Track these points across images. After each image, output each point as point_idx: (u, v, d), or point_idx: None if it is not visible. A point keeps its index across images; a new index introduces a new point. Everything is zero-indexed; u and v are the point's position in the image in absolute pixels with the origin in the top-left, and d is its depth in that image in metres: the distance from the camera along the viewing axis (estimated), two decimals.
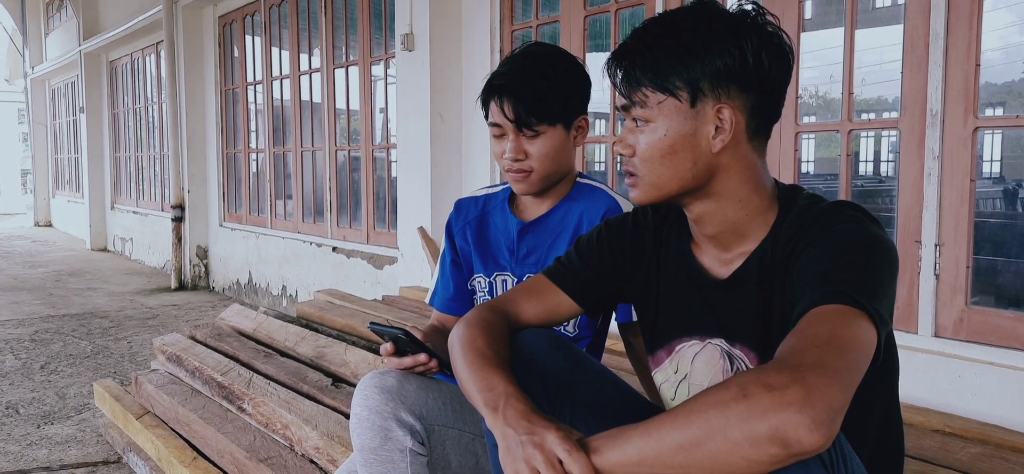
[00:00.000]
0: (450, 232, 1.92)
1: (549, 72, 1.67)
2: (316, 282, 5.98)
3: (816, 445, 0.89)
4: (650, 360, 1.41)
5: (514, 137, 1.67)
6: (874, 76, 5.68)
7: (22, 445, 3.33)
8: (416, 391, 1.48)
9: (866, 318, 1.02)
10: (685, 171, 1.19)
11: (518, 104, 1.64)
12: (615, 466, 0.99)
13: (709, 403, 0.94)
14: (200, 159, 7.87)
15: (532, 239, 1.79)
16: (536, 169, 1.69)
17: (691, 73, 1.15)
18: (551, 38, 4.13)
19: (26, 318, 6.15)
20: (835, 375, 0.93)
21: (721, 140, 1.17)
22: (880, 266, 1.10)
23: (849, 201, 1.19)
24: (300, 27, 6.34)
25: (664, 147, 1.18)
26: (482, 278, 1.86)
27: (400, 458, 1.44)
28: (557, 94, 1.65)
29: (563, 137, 1.69)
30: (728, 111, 1.16)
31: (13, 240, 12.60)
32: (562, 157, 1.71)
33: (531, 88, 1.64)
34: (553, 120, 1.66)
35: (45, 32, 14.05)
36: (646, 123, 1.19)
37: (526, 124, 1.65)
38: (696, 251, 1.31)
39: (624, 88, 1.20)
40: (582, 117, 1.72)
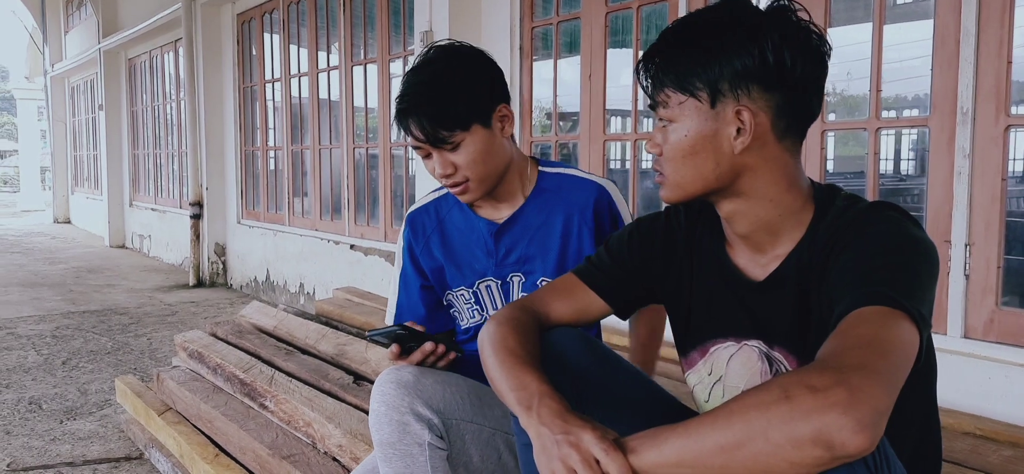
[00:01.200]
0: (412, 253, 1.83)
1: (448, 79, 1.60)
2: (333, 280, 5.98)
3: (861, 448, 0.88)
4: (683, 362, 1.40)
5: (436, 154, 1.62)
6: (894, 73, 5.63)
7: (45, 440, 3.35)
8: (433, 385, 1.47)
9: (908, 319, 1.00)
10: (708, 171, 1.18)
11: (425, 122, 1.58)
12: (653, 467, 0.98)
13: (750, 404, 0.93)
14: (218, 156, 7.90)
15: (510, 239, 1.74)
16: (471, 177, 1.63)
17: (710, 74, 1.14)
18: (572, 35, 4.11)
19: (47, 314, 6.19)
20: (879, 377, 0.91)
21: (742, 141, 1.15)
22: (921, 267, 1.08)
23: (888, 201, 1.17)
24: (318, 24, 6.35)
25: (686, 147, 1.18)
26: (464, 291, 1.79)
27: (419, 452, 1.43)
28: (462, 99, 1.59)
29: (486, 136, 1.62)
30: (748, 112, 1.14)
31: (33, 236, 12.70)
32: (494, 155, 1.65)
33: (433, 103, 1.58)
34: (466, 125, 1.59)
35: (65, 30, 14.14)
36: (670, 123, 1.19)
37: (440, 140, 1.59)
38: (730, 252, 1.30)
39: (650, 88, 1.21)
40: (501, 106, 1.66)
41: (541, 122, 4.44)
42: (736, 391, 1.29)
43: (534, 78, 4.28)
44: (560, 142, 4.28)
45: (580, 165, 3.99)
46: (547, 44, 4.25)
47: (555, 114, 4.27)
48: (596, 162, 3.91)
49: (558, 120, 4.30)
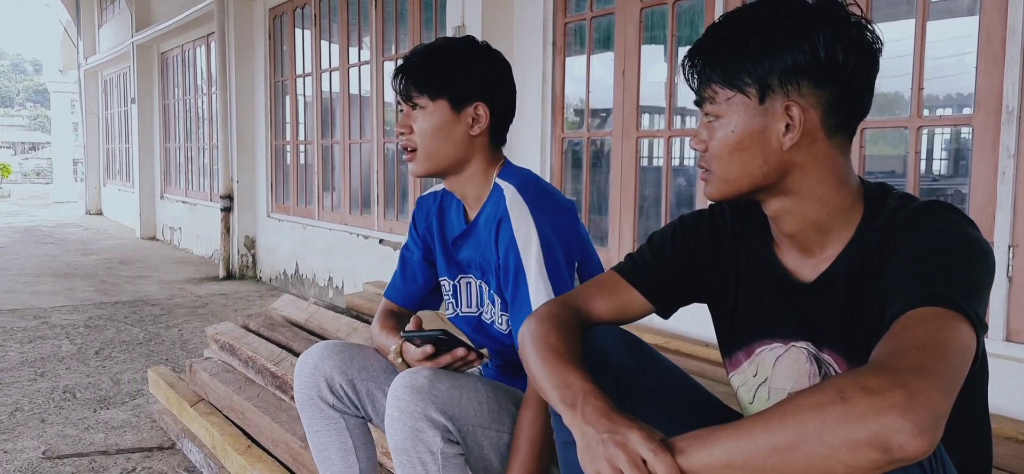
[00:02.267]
0: (416, 229, 1.90)
1: (440, 50, 1.66)
2: (362, 274, 6.00)
3: (919, 451, 0.86)
4: (727, 362, 1.38)
5: (405, 111, 1.68)
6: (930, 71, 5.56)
7: (79, 428, 3.38)
8: (449, 390, 1.47)
9: (965, 321, 0.98)
10: (755, 168, 1.16)
11: (402, 76, 1.66)
12: (702, 468, 0.96)
13: (803, 405, 0.91)
14: (249, 150, 7.95)
15: (467, 250, 1.77)
16: (419, 146, 1.67)
17: (759, 69, 1.12)
18: (606, 30, 4.08)
19: (80, 304, 6.27)
20: (937, 379, 0.89)
21: (791, 138, 1.13)
22: (977, 268, 1.06)
23: (942, 201, 1.15)
24: (350, 20, 6.37)
25: (733, 144, 1.16)
26: (446, 281, 1.84)
27: (430, 460, 1.43)
28: (441, 67, 1.64)
29: (449, 117, 1.65)
30: (798, 108, 1.12)
31: (66, 227, 12.88)
32: (450, 141, 1.66)
33: (418, 60, 1.65)
34: (434, 93, 1.64)
35: (98, 24, 14.32)
36: (716, 119, 1.17)
37: (407, 96, 1.66)
38: (778, 252, 1.27)
39: (696, 84, 1.19)
40: (478, 104, 1.67)
41: (570, 119, 4.41)
42: (782, 393, 1.27)
43: (567, 76, 4.25)
44: (591, 138, 4.25)
45: (612, 161, 3.97)
46: (580, 40, 4.23)
47: (587, 110, 4.25)
48: (629, 159, 3.88)
49: (590, 117, 4.28)
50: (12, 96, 75.34)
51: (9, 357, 4.59)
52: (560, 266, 1.59)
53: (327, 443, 1.75)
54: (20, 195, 22.78)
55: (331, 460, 1.76)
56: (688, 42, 3.73)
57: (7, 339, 5.04)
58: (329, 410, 1.73)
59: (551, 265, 1.57)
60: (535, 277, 1.56)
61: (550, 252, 1.58)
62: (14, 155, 43.18)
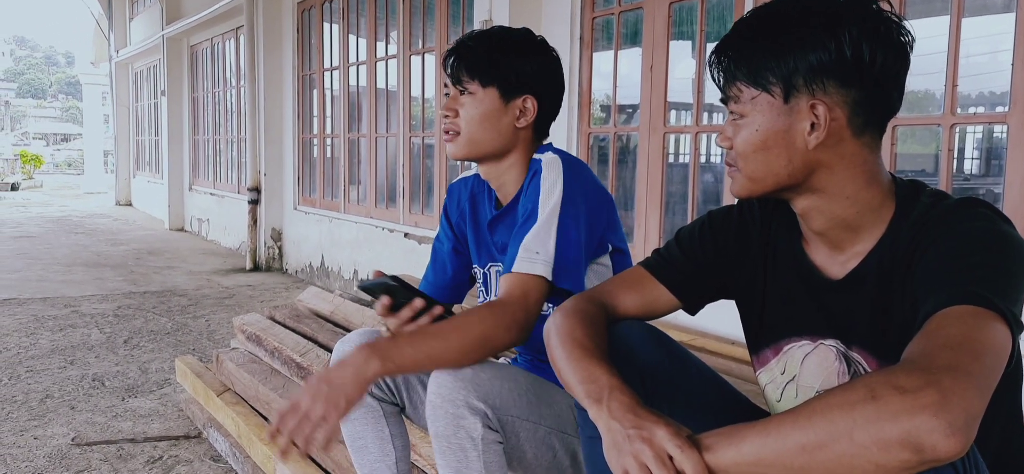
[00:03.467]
0: (448, 216, 1.91)
1: (496, 38, 1.66)
2: (387, 267, 6.00)
3: (952, 452, 0.84)
4: (755, 359, 1.36)
5: (452, 94, 1.68)
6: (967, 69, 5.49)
7: (108, 416, 3.42)
8: (491, 379, 1.47)
9: (1001, 320, 0.96)
10: (780, 168, 1.15)
11: (454, 59, 1.66)
12: (730, 465, 0.95)
13: (834, 404, 0.89)
14: (276, 143, 8.01)
15: (503, 232, 1.75)
16: (462, 131, 1.66)
17: (784, 68, 1.11)
18: (634, 25, 4.06)
19: (109, 294, 6.34)
20: (971, 379, 0.88)
21: (816, 137, 1.11)
22: (1014, 266, 1.03)
23: (977, 198, 1.12)
24: (377, 14, 6.39)
25: (757, 142, 1.15)
26: (478, 269, 1.85)
27: (471, 446, 1.43)
28: (493, 55, 1.64)
29: (496, 105, 1.65)
30: (823, 108, 1.10)
31: (96, 218, 13.05)
32: (495, 129, 1.66)
33: (471, 46, 1.65)
34: (485, 80, 1.64)
35: (130, 17, 14.49)
36: (741, 117, 1.16)
37: (457, 79, 1.65)
38: (807, 249, 1.26)
39: (721, 81, 1.18)
40: (527, 97, 1.67)
41: (596, 114, 4.39)
42: (810, 391, 1.25)
43: (594, 72, 4.24)
44: (618, 134, 4.23)
45: (639, 157, 3.95)
46: (607, 35, 4.21)
47: (614, 106, 4.23)
48: (656, 155, 3.86)
49: (616, 112, 4.26)
50: (45, 88, 76.45)
51: (40, 345, 4.65)
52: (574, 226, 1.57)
53: (363, 432, 1.74)
54: (52, 185, 23.12)
55: (367, 449, 1.75)
56: (717, 37, 3.70)
57: (38, 327, 5.11)
58: (367, 397, 1.73)
59: (564, 221, 1.56)
60: (542, 222, 1.55)
61: (566, 211, 1.57)
62: (46, 146, 43.83)
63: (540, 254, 1.54)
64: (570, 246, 1.56)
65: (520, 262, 1.54)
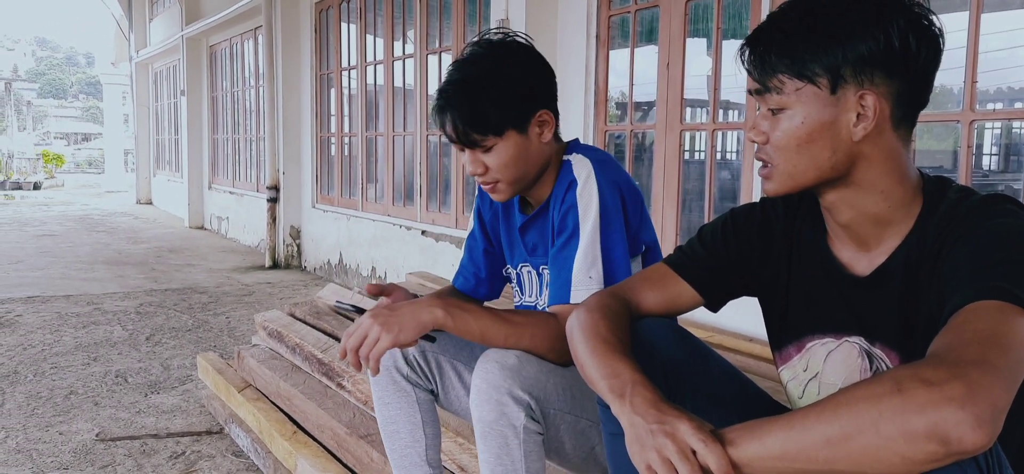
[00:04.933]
0: (481, 216, 1.90)
1: (487, 82, 1.57)
2: (405, 265, 6.06)
3: (979, 444, 0.84)
4: (777, 356, 1.37)
5: (468, 153, 1.62)
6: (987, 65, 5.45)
7: (131, 412, 3.47)
8: (536, 373, 1.48)
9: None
10: (823, 161, 1.14)
11: (458, 122, 1.58)
12: (754, 459, 0.95)
13: (859, 396, 0.90)
14: (295, 142, 8.06)
15: (535, 234, 1.76)
16: (501, 178, 1.63)
17: (832, 59, 1.09)
18: (650, 23, 4.06)
19: (131, 291, 6.41)
20: (998, 372, 0.88)
21: (863, 128, 1.11)
22: None
23: (1004, 194, 1.12)
24: (395, 13, 6.41)
25: (801, 136, 1.13)
26: (510, 269, 1.86)
27: (512, 434, 1.45)
28: (498, 104, 1.57)
29: (520, 142, 1.61)
30: (872, 98, 1.10)
31: (117, 216, 13.17)
32: (528, 160, 1.63)
33: (468, 104, 1.56)
34: (500, 131, 1.58)
35: (149, 18, 14.61)
36: (781, 110, 1.14)
37: (471, 142, 1.59)
38: (832, 245, 1.26)
39: (758, 73, 1.16)
40: (542, 112, 1.63)
41: (612, 112, 4.40)
42: (832, 388, 1.25)
43: (610, 70, 4.24)
44: (635, 132, 4.24)
45: (656, 155, 3.95)
46: (624, 33, 4.21)
47: (631, 104, 4.23)
48: (672, 152, 3.87)
49: (632, 110, 4.26)
50: (66, 88, 77.16)
51: (64, 342, 4.72)
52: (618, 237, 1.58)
53: (397, 416, 1.77)
54: (73, 184, 23.35)
55: (399, 433, 1.78)
56: (734, 35, 3.70)
57: (62, 324, 5.18)
58: (403, 382, 1.75)
59: (606, 234, 1.57)
60: (586, 243, 1.56)
61: (608, 223, 1.58)
62: (68, 146, 44.23)
63: (593, 278, 1.56)
64: (617, 261, 1.58)
65: (577, 291, 1.55)
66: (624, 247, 1.59)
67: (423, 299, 1.50)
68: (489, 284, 1.93)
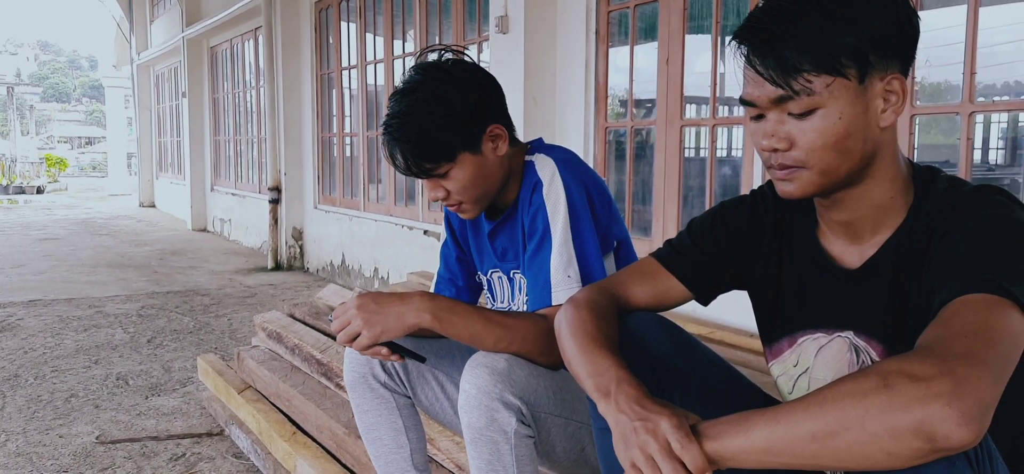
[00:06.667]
0: (450, 224, 1.88)
1: (430, 109, 1.53)
2: (407, 264, 6.05)
3: (965, 441, 0.83)
4: (768, 352, 1.36)
5: (426, 181, 1.60)
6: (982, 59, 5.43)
7: (132, 415, 3.47)
8: (526, 377, 1.46)
9: (1016, 309, 0.95)
10: (855, 154, 1.10)
11: (408, 155, 1.55)
12: (739, 453, 0.94)
13: (845, 392, 0.88)
14: (296, 143, 8.06)
15: (504, 238, 1.74)
16: (464, 200, 1.61)
17: (858, 47, 1.06)
18: (649, 19, 4.05)
19: (133, 294, 6.42)
20: (986, 367, 0.86)
21: (892, 114, 1.09)
22: None
23: (993, 185, 1.11)
24: (394, 13, 6.41)
25: (840, 132, 1.08)
26: (481, 275, 1.84)
27: (503, 440, 1.43)
28: (445, 129, 1.53)
29: (475, 161, 1.58)
30: (898, 82, 1.08)
31: (119, 219, 13.19)
32: (487, 177, 1.61)
33: (416, 135, 1.53)
34: (452, 156, 1.55)
35: (150, 20, 14.63)
36: (812, 111, 1.08)
37: (425, 173, 1.57)
38: (823, 239, 1.25)
39: (780, 76, 1.08)
40: (492, 127, 1.59)
41: (616, 110, 4.39)
42: (822, 384, 1.24)
43: (610, 66, 4.23)
44: (636, 128, 4.22)
45: (656, 151, 3.94)
46: (623, 29, 4.20)
47: (631, 101, 4.22)
48: (673, 148, 3.85)
49: (633, 107, 4.25)
50: (69, 92, 77.31)
51: (65, 345, 4.72)
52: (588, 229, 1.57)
53: (377, 423, 1.76)
54: (76, 188, 23.39)
55: (381, 441, 1.77)
56: (734, 30, 3.67)
57: (64, 327, 5.18)
58: (380, 389, 1.74)
59: (577, 231, 1.55)
60: (559, 243, 1.54)
61: (577, 219, 1.56)
62: (71, 149, 44.33)
63: (571, 276, 1.54)
64: (590, 252, 1.56)
65: (557, 292, 1.53)
66: (596, 244, 1.58)
67: (413, 296, 1.47)
68: (468, 292, 1.90)
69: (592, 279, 1.53)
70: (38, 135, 41.30)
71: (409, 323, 1.44)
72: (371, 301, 1.45)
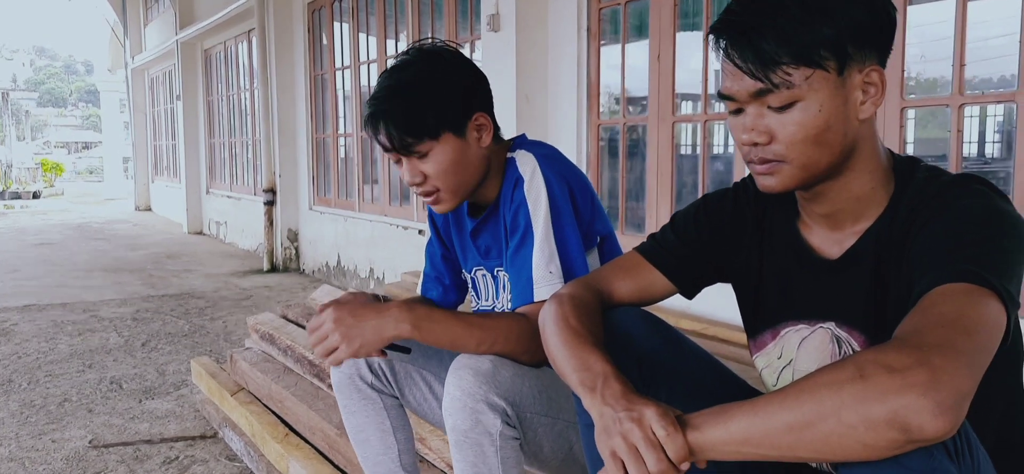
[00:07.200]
0: (434, 222, 1.87)
1: (420, 85, 1.54)
2: (403, 264, 6.04)
3: (940, 432, 0.83)
4: (752, 344, 1.35)
5: (406, 162, 1.58)
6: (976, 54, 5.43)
7: (125, 418, 3.46)
8: (511, 378, 1.45)
9: (995, 298, 0.94)
10: (836, 147, 1.10)
11: (392, 129, 1.53)
12: (718, 443, 0.94)
13: (822, 383, 0.88)
14: (290, 144, 8.05)
15: (487, 236, 1.72)
16: (441, 187, 1.59)
17: (836, 38, 1.05)
18: (640, 17, 4.04)
19: (128, 298, 6.41)
20: (962, 357, 0.86)
21: (872, 104, 1.09)
22: (1010, 243, 1.02)
23: (973, 174, 1.10)
24: (387, 12, 6.40)
25: (820, 125, 1.08)
26: (466, 274, 1.83)
27: (488, 442, 1.42)
28: (432, 107, 1.53)
29: (458, 146, 1.56)
30: (877, 73, 1.08)
31: (115, 224, 13.17)
32: (467, 166, 1.59)
33: (401, 109, 1.53)
34: (436, 133, 1.54)
35: (144, 23, 14.62)
36: (791, 104, 1.08)
37: (406, 148, 1.55)
38: (804, 230, 1.24)
39: (759, 69, 1.07)
40: (478, 115, 1.59)
41: (611, 108, 4.38)
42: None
43: (602, 64, 4.22)
44: (628, 125, 4.22)
45: (648, 147, 3.94)
46: (615, 27, 4.19)
47: (623, 98, 4.21)
48: (665, 144, 3.85)
49: (627, 105, 4.25)
50: (65, 97, 77.18)
51: (59, 349, 4.71)
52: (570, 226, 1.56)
53: (365, 425, 1.75)
54: (73, 193, 23.34)
55: (369, 442, 1.75)
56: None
57: (57, 332, 5.17)
58: (367, 390, 1.73)
59: (558, 227, 1.54)
60: (540, 239, 1.53)
61: (558, 215, 1.55)
62: (68, 154, 44.24)
63: (553, 272, 1.52)
64: (572, 248, 1.55)
65: (540, 288, 1.52)
66: (578, 240, 1.56)
67: (391, 306, 1.45)
68: (455, 291, 1.88)
69: (574, 275, 1.51)
70: (34, 140, 41.28)
71: (388, 336, 1.43)
72: (347, 315, 1.43)
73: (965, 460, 0.94)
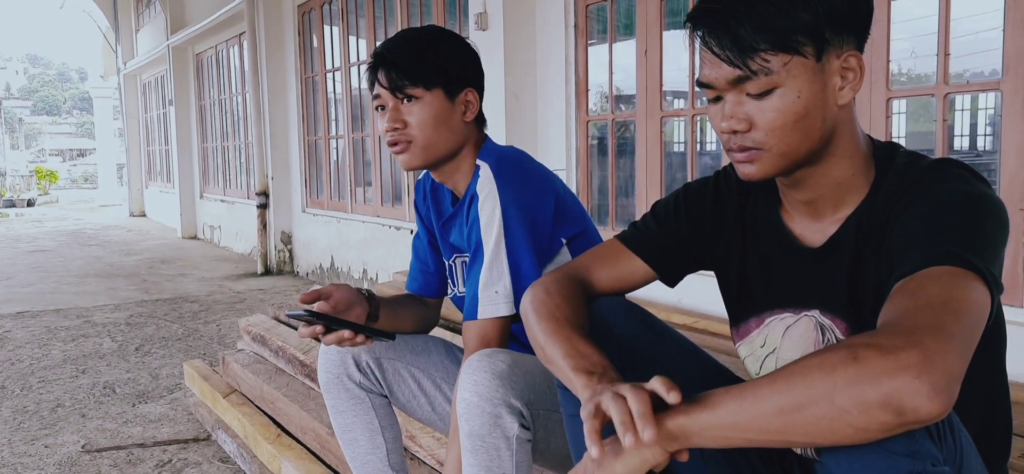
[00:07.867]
0: (420, 213, 1.90)
1: (424, 40, 1.64)
2: (396, 265, 6.04)
3: (934, 413, 0.83)
4: (735, 332, 1.35)
5: (392, 105, 1.63)
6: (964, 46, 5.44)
7: (119, 422, 3.46)
8: (525, 375, 1.44)
9: (980, 280, 0.95)
10: (815, 133, 1.10)
11: (391, 69, 1.61)
12: (706, 427, 0.93)
13: (813, 365, 0.88)
14: (283, 147, 8.04)
15: (455, 232, 1.75)
16: (416, 138, 1.62)
17: (813, 23, 1.05)
18: (627, 15, 4.05)
19: (122, 303, 6.40)
20: (953, 339, 0.86)
21: (851, 89, 1.09)
22: (991, 226, 1.02)
23: (952, 159, 1.11)
24: (376, 14, 6.40)
25: (799, 111, 1.07)
26: (446, 261, 1.84)
27: (505, 446, 1.41)
28: (431, 58, 1.62)
29: (445, 106, 1.63)
30: (855, 59, 1.08)
31: (110, 230, 13.14)
32: (446, 128, 1.64)
33: (404, 53, 1.62)
34: (429, 84, 1.61)
35: (136, 28, 14.57)
36: (770, 91, 1.07)
37: (400, 88, 1.61)
38: (786, 218, 1.24)
39: (737, 56, 1.07)
40: (468, 90, 1.66)
41: (601, 105, 4.39)
42: None
43: (590, 61, 4.23)
44: (616, 121, 4.23)
45: (637, 143, 3.94)
46: (602, 24, 4.20)
47: (611, 95, 4.22)
48: (653, 140, 3.85)
49: (615, 101, 4.25)
50: (59, 104, 77.05)
51: (52, 355, 4.70)
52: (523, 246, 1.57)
53: (353, 424, 1.75)
54: (67, 200, 23.31)
55: (357, 441, 1.76)
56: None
57: (51, 338, 5.16)
58: (355, 389, 1.73)
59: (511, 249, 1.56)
60: (489, 259, 1.56)
61: (511, 235, 1.57)
62: (63, 162, 44.15)
63: (499, 292, 1.55)
64: (524, 268, 1.56)
65: (483, 306, 1.55)
66: (531, 258, 1.58)
67: None
68: (438, 278, 1.89)
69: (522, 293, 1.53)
70: (29, 148, 41.20)
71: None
72: None
73: (947, 442, 0.94)
